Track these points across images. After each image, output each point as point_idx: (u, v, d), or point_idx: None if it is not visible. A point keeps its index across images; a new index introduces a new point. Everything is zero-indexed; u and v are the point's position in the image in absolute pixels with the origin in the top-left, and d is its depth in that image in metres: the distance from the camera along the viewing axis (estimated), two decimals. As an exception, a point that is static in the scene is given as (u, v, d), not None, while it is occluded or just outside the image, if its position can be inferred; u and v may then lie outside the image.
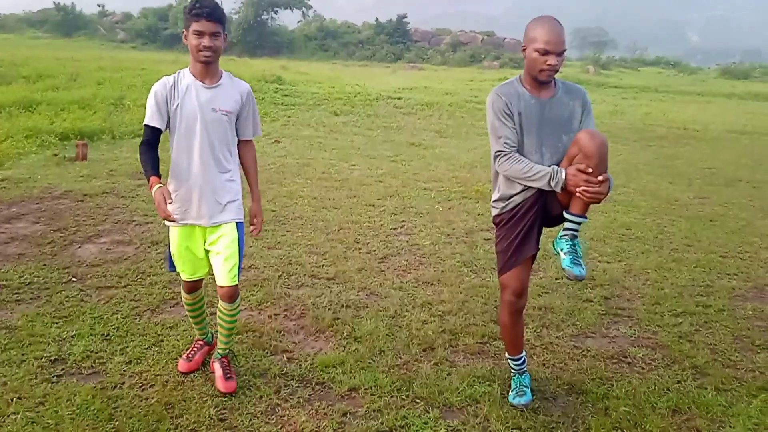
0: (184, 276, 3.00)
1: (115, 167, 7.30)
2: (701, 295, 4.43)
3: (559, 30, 2.60)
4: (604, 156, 2.52)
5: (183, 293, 3.11)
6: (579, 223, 2.71)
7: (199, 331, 3.26)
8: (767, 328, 3.95)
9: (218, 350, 3.08)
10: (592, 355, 3.50)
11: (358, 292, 4.24)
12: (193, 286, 3.06)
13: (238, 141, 2.95)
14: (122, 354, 3.26)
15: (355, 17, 45.82)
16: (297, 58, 33.32)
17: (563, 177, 2.57)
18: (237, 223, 2.89)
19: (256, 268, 4.53)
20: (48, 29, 36.77)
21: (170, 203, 2.59)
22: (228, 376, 2.98)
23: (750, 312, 4.20)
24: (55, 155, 7.69)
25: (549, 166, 2.64)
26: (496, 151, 2.71)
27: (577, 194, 2.55)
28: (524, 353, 3.06)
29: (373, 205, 6.39)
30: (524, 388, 3.00)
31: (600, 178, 2.50)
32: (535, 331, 3.76)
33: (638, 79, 29.50)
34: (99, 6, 41.64)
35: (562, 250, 2.73)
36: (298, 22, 40.21)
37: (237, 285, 2.91)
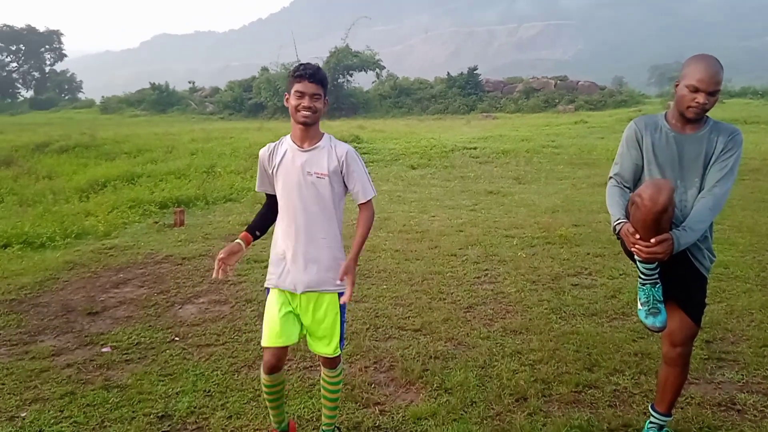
0: (270, 341, 2.79)
1: (209, 231, 7.74)
2: (816, 336, 4.13)
3: (715, 69, 2.51)
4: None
5: (262, 375, 2.86)
6: (664, 422, 2.90)
7: (275, 418, 3.02)
8: None
9: (323, 427, 3.03)
10: (697, 403, 3.33)
11: (445, 342, 4.25)
12: (275, 365, 2.82)
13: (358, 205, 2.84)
14: (223, 409, 3.42)
15: (426, 73, 46.88)
16: (373, 116, 34.32)
17: (618, 229, 2.59)
18: (338, 294, 2.82)
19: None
20: (145, 107, 39.93)
21: (230, 266, 2.85)
22: None
23: None
24: (156, 223, 8.27)
25: (686, 199, 2.63)
26: (610, 175, 2.80)
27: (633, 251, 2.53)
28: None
29: (455, 255, 6.42)
30: (657, 304, 2.64)
31: (653, 240, 2.41)
32: (632, 378, 3.62)
33: (725, 112, 28.18)
34: (190, 83, 44.94)
35: None
36: (373, 82, 41.57)
37: (339, 355, 2.87)
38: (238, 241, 2.82)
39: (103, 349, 4.26)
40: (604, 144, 15.52)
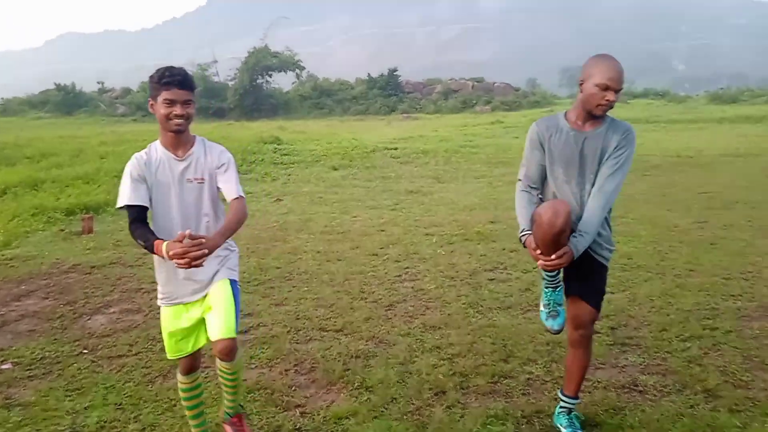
0: (172, 354, 2.84)
1: (120, 237, 7.41)
2: (707, 318, 4.45)
3: (621, 67, 2.64)
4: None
5: (179, 377, 2.92)
6: (572, 404, 3.04)
7: (196, 429, 2.99)
8: (777, 346, 3.96)
9: (226, 410, 2.98)
10: (603, 387, 3.51)
11: (366, 341, 4.27)
12: (190, 366, 2.88)
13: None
14: (136, 422, 3.28)
15: (347, 74, 47.00)
16: (294, 117, 34.00)
17: (523, 240, 2.79)
18: (231, 280, 2.77)
19: (264, 325, 4.58)
20: (50, 109, 37.71)
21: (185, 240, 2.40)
22: None
23: (758, 331, 4.21)
24: (62, 230, 7.83)
25: (584, 195, 2.75)
26: (519, 178, 2.92)
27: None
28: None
29: (377, 254, 6.46)
30: (558, 307, 2.90)
31: (553, 256, 2.60)
32: (544, 367, 3.77)
33: (629, 112, 29.99)
34: (99, 83, 42.84)
35: (561, 425, 3.05)
36: (293, 83, 41.22)
37: (234, 339, 2.66)
38: (167, 241, 2.49)
39: (3, 366, 3.99)
40: (519, 143, 16.09)
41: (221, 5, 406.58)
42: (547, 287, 2.88)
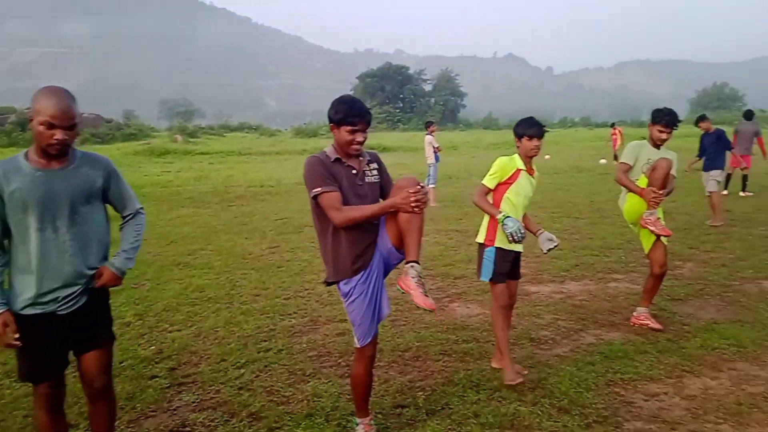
0: None
1: None
2: (264, 341, 4.69)
3: (68, 103, 2.46)
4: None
5: None
6: None
7: None
8: (317, 356, 4.40)
9: None
10: (149, 437, 3.31)
11: None
12: None
13: None
14: None
15: None
16: None
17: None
18: None
19: None
20: None
21: None
22: None
23: (305, 345, 4.61)
24: None
25: (67, 240, 2.52)
26: None
27: None
28: None
29: None
30: None
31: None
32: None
33: (224, 145, 31.42)
34: None
35: None
36: None
37: None
38: None
39: None
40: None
41: None
42: None
